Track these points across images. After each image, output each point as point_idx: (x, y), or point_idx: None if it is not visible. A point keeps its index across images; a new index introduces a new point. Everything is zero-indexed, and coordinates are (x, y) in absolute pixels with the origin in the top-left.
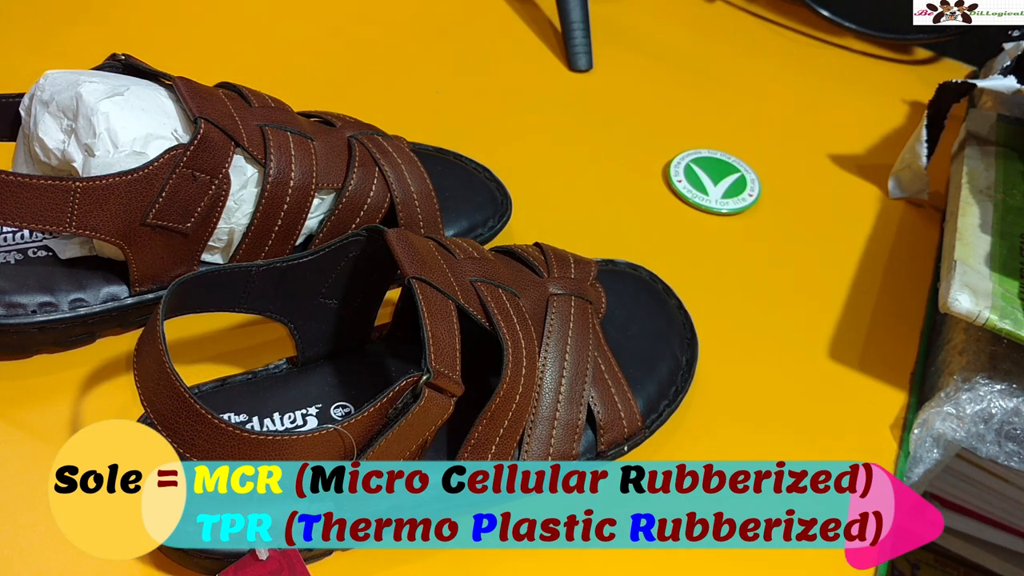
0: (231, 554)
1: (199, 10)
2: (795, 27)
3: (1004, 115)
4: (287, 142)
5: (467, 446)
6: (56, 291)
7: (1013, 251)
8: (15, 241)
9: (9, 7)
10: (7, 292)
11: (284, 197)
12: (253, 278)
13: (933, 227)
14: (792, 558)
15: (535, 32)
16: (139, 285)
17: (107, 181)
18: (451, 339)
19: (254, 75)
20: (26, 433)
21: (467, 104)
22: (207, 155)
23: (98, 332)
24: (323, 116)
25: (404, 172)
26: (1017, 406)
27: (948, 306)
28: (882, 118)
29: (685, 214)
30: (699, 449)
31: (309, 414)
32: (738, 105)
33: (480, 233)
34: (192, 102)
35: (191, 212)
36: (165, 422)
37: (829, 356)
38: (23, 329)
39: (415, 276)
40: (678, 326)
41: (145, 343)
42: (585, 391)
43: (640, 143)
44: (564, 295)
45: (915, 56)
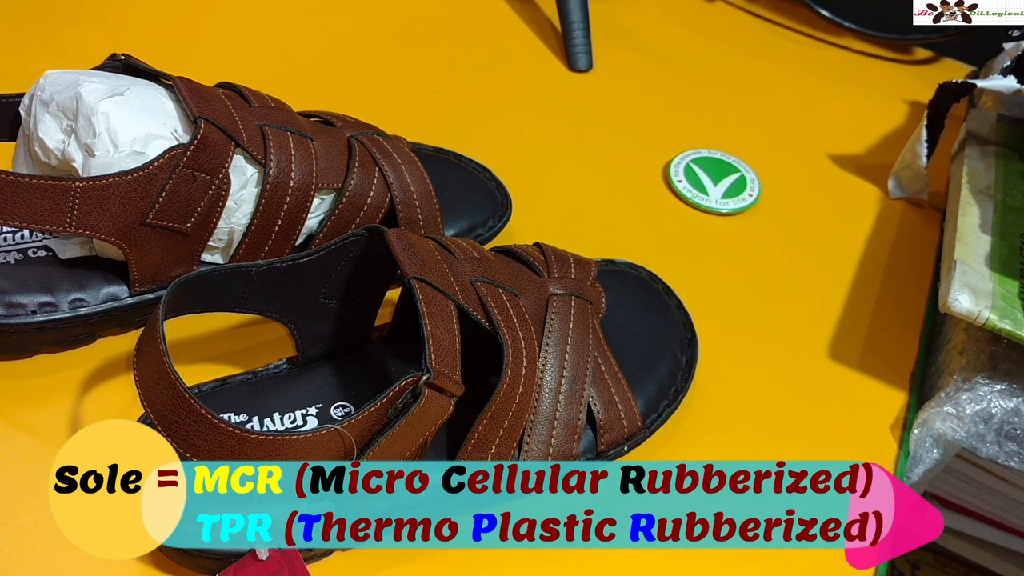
0: (231, 554)
1: (198, 10)
2: (795, 27)
3: (1004, 115)
4: (287, 142)
5: (467, 446)
6: (56, 291)
7: (1013, 251)
8: (15, 241)
9: (9, 7)
10: (7, 292)
11: (284, 197)
12: (253, 278)
13: (933, 227)
14: (792, 558)
15: (535, 32)
16: (139, 285)
17: (107, 181)
18: (451, 339)
19: (254, 75)
20: (26, 433)
21: (467, 104)
22: (207, 155)
23: (98, 332)
24: (323, 116)
25: (404, 172)
26: (1017, 406)
27: (948, 306)
28: (882, 118)
29: (685, 214)
30: (699, 449)
31: (309, 414)
32: (738, 105)
33: (480, 233)
34: (192, 102)
35: (191, 212)
36: (165, 422)
37: (829, 356)
38: (23, 329)
39: (415, 276)
40: (678, 326)
41: (145, 343)
42: (585, 391)
43: (640, 143)
44: (564, 295)
45: (915, 56)
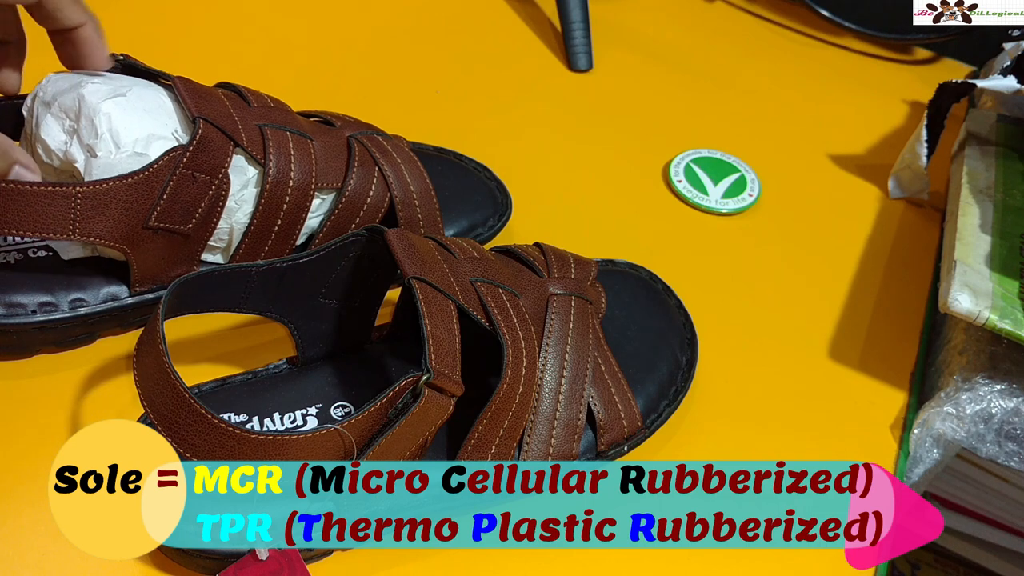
0: (231, 554)
1: (198, 10)
2: (795, 27)
3: (1004, 115)
4: (286, 142)
5: (467, 446)
6: (56, 291)
7: (1013, 251)
8: (15, 241)
9: None
10: (7, 292)
11: (284, 197)
12: (253, 278)
13: (933, 227)
14: (792, 558)
15: (535, 32)
16: (139, 285)
17: (108, 185)
18: (451, 339)
19: (253, 75)
20: (26, 433)
21: (467, 104)
22: (206, 155)
23: (98, 332)
24: (322, 116)
25: (404, 172)
26: (1017, 406)
27: (948, 306)
28: (882, 118)
29: (685, 214)
30: (699, 449)
31: (309, 414)
32: (738, 105)
33: (480, 233)
34: (191, 102)
35: (192, 213)
36: (165, 422)
37: (829, 356)
38: (23, 329)
39: (415, 276)
40: (678, 326)
41: (145, 343)
42: (585, 391)
43: (640, 143)
44: (564, 295)
45: (915, 56)
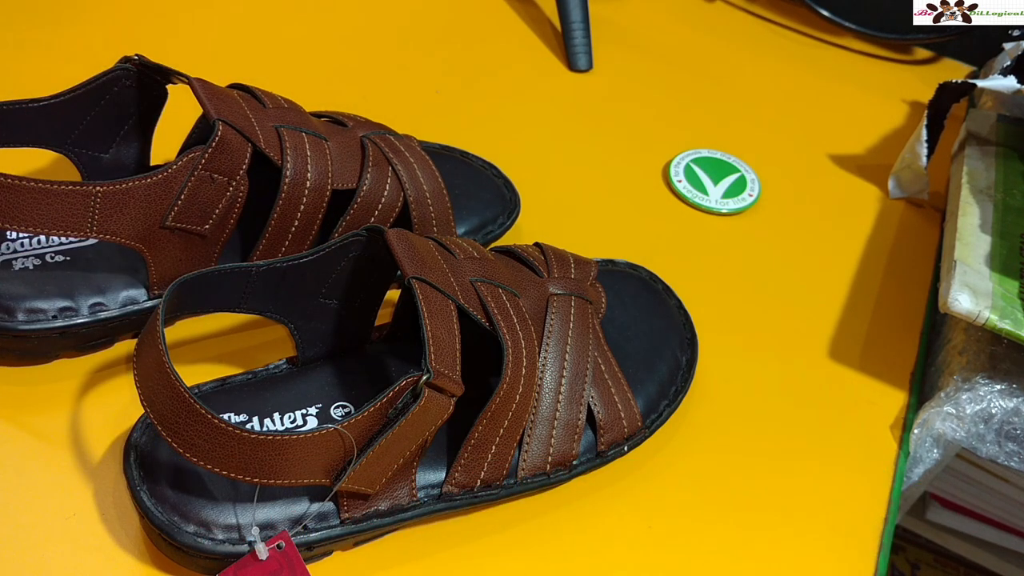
0: (231, 554)
1: (200, 11)
2: (795, 27)
3: (1004, 115)
4: (303, 143)
5: (467, 446)
6: (75, 295)
7: (1013, 251)
8: (32, 247)
9: (9, 7)
10: (27, 298)
11: (301, 198)
12: (253, 278)
13: (933, 227)
14: (792, 558)
15: (535, 32)
16: (158, 288)
17: (127, 185)
18: (451, 339)
19: (254, 75)
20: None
21: (467, 104)
22: (225, 157)
23: (117, 336)
24: (333, 116)
25: (416, 171)
26: (1017, 406)
27: (948, 306)
28: (882, 118)
29: (685, 214)
30: (699, 449)
31: (309, 414)
32: (738, 105)
33: (491, 230)
34: (209, 104)
35: (209, 214)
36: (165, 422)
37: (829, 356)
38: (43, 335)
39: (415, 276)
40: (678, 326)
41: (145, 343)
42: (585, 391)
43: (640, 143)
44: (564, 295)
45: (915, 56)
